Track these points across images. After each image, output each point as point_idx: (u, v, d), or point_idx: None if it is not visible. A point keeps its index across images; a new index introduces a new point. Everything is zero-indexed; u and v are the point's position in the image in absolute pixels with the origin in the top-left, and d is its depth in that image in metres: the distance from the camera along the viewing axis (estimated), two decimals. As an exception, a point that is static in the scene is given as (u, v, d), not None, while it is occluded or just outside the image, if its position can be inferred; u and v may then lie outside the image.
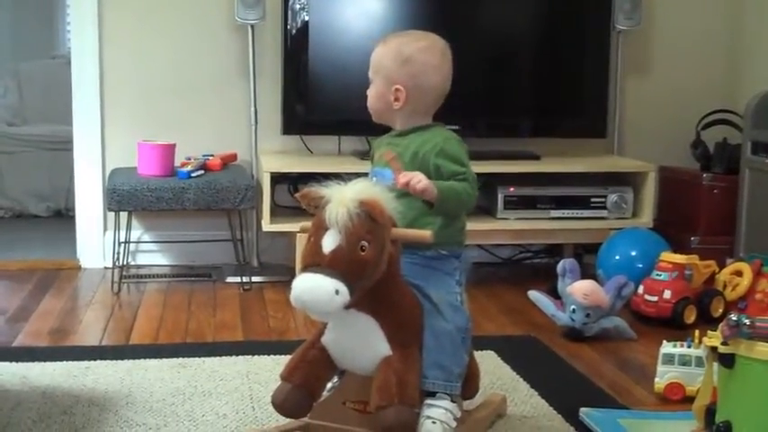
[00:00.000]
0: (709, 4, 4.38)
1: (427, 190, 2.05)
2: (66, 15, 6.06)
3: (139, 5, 4.05)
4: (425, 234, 2.00)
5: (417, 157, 2.15)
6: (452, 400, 2.08)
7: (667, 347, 2.58)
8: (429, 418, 2.04)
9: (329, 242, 1.90)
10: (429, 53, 2.19)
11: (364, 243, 1.90)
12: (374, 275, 1.94)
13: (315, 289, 1.86)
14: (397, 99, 2.18)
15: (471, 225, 3.72)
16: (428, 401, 2.06)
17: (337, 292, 1.86)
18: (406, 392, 1.96)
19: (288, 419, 2.14)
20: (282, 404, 2.05)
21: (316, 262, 1.89)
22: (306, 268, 1.90)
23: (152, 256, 4.14)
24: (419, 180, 2.05)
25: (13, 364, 2.71)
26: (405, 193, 2.06)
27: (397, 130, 2.23)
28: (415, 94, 2.18)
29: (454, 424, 2.07)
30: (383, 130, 2.30)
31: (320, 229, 1.92)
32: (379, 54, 2.22)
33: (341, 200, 1.90)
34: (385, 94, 2.19)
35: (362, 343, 2.03)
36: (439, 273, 2.15)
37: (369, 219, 1.90)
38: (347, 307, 1.91)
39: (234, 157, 4.05)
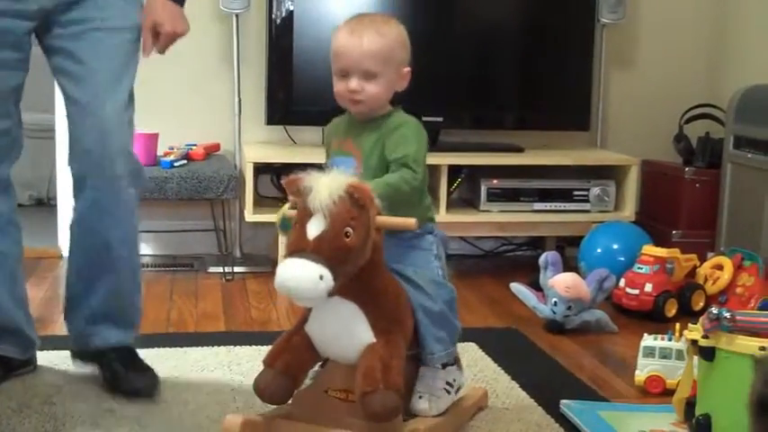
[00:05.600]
0: (693, -1, 4.40)
1: None
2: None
3: (123, -7, 4.01)
4: (410, 222, 2.00)
5: (378, 144, 2.14)
6: (450, 364, 2.18)
7: (648, 340, 2.59)
8: (417, 392, 2.14)
9: (314, 228, 1.90)
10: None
11: (349, 229, 1.90)
12: (358, 261, 1.94)
13: (299, 274, 1.86)
14: (403, 79, 2.18)
15: (454, 217, 3.81)
16: (419, 373, 2.15)
17: (321, 277, 1.85)
18: (390, 378, 1.96)
19: (270, 407, 2.14)
20: (264, 390, 2.05)
21: (300, 248, 1.89)
22: (290, 254, 1.91)
23: (134, 246, 4.11)
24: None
25: (-6, 353, 2.69)
26: None
27: (362, 118, 2.18)
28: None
29: (449, 389, 2.18)
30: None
31: (305, 215, 1.92)
32: (382, 46, 2.12)
33: (325, 184, 1.90)
34: (395, 81, 2.17)
35: (346, 331, 2.03)
36: (418, 250, 2.19)
37: (353, 204, 1.90)
38: (331, 294, 1.91)
39: (217, 147, 4.04)
